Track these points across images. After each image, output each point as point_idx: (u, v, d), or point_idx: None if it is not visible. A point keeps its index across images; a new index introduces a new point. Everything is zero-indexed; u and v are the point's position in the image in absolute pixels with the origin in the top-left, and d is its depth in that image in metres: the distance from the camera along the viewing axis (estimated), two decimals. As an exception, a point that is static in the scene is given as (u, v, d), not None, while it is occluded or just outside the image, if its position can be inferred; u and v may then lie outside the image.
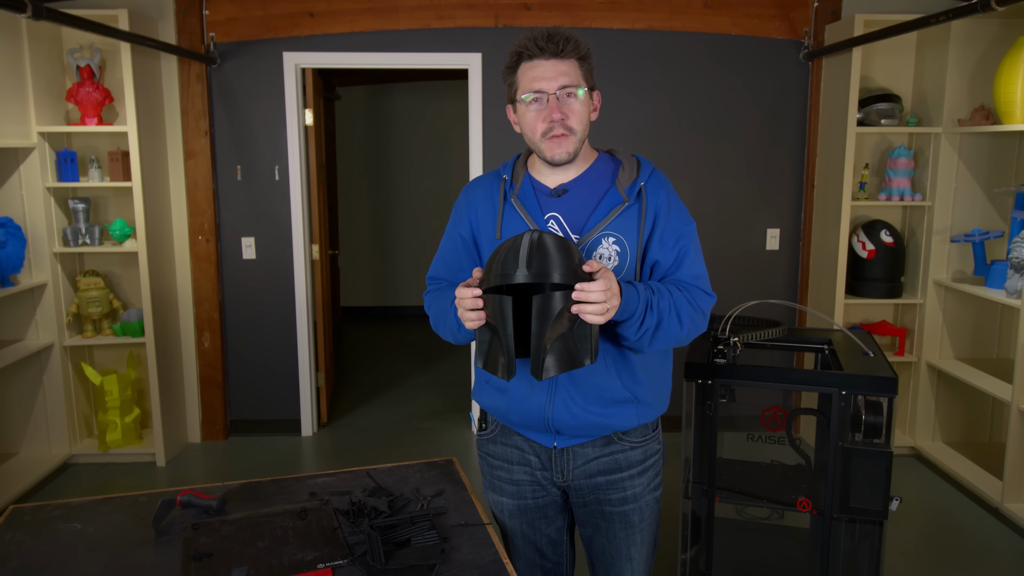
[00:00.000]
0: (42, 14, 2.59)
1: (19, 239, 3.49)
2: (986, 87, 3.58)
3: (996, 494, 3.26)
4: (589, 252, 1.52)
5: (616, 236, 1.52)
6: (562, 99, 1.49)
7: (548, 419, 1.57)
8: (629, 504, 1.66)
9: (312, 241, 4.28)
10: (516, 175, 1.62)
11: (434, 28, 3.92)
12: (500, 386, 1.61)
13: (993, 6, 2.62)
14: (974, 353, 3.87)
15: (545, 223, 1.55)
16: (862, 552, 2.09)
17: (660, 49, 4.00)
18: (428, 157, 7.03)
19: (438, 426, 4.38)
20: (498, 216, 1.59)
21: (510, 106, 1.58)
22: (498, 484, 1.72)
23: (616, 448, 1.63)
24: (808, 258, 4.16)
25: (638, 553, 1.70)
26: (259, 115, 3.98)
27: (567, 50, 1.48)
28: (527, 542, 1.73)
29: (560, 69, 1.48)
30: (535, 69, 1.49)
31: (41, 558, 1.50)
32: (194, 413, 4.14)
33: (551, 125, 1.49)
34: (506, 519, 1.72)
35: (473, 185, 1.69)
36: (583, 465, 1.63)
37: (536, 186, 1.60)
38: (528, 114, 1.52)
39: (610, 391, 1.56)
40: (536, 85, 1.49)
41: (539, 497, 1.69)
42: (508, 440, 1.68)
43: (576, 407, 1.55)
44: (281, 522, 1.61)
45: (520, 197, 1.58)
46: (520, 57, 1.51)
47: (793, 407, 3.72)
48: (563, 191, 1.57)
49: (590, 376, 1.54)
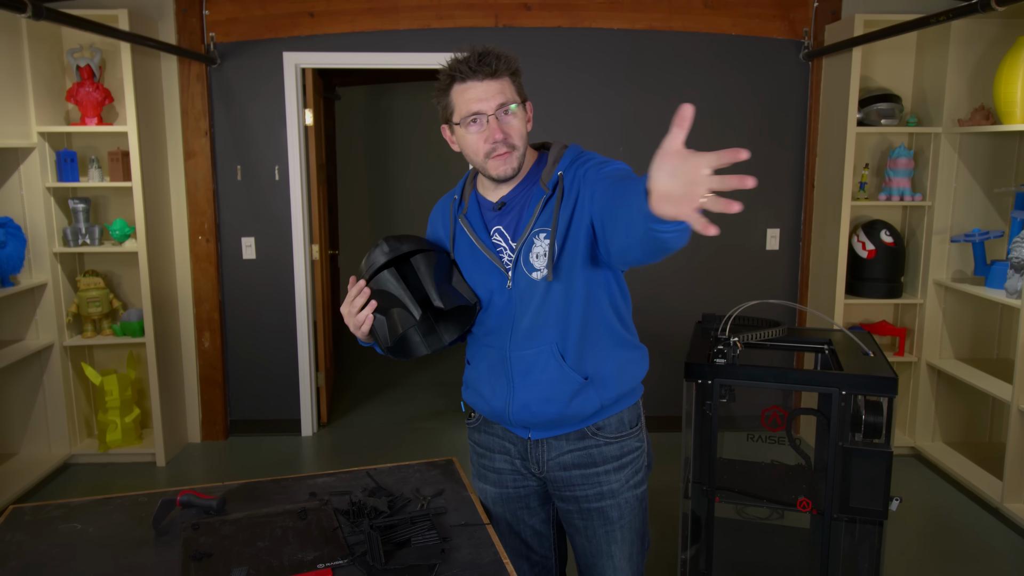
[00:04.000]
0: (42, 14, 2.59)
1: (19, 239, 3.49)
2: (986, 87, 3.58)
3: (996, 494, 3.26)
4: (526, 255, 1.56)
5: (545, 230, 1.55)
6: (500, 118, 1.51)
7: (510, 420, 1.64)
8: (607, 500, 1.67)
9: (312, 241, 4.28)
10: (465, 194, 1.68)
11: (434, 28, 3.92)
12: (471, 384, 1.71)
13: (993, 6, 2.62)
14: (974, 353, 3.87)
15: (490, 237, 1.61)
16: (862, 552, 2.09)
17: (660, 49, 4.00)
18: (428, 157, 7.03)
19: (438, 426, 4.38)
20: (451, 237, 1.67)
21: (445, 126, 1.60)
22: (483, 472, 1.78)
23: (591, 443, 1.66)
24: (808, 258, 4.16)
25: (619, 551, 1.71)
26: (259, 115, 3.98)
27: (500, 69, 1.50)
28: (512, 532, 1.77)
29: (494, 89, 1.50)
30: (470, 91, 1.50)
31: (41, 558, 1.50)
32: (194, 413, 4.14)
33: (494, 146, 1.52)
34: (491, 507, 1.77)
35: (435, 208, 1.78)
36: (557, 457, 1.66)
37: (481, 202, 1.66)
38: (468, 136, 1.54)
39: (561, 380, 1.58)
40: (474, 107, 1.50)
41: (520, 487, 1.73)
42: (490, 429, 1.75)
43: (535, 406, 1.60)
44: (281, 522, 1.61)
45: (468, 216, 1.64)
46: (452, 79, 1.52)
47: (793, 407, 3.72)
48: (502, 204, 1.61)
49: (540, 373, 1.58)
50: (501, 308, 1.60)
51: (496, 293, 1.60)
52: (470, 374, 1.73)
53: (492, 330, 1.63)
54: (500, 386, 1.63)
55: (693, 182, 0.99)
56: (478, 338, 1.69)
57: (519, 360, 1.59)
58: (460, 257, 1.65)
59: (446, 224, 1.70)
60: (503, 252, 1.60)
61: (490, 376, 1.65)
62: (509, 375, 1.61)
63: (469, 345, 1.74)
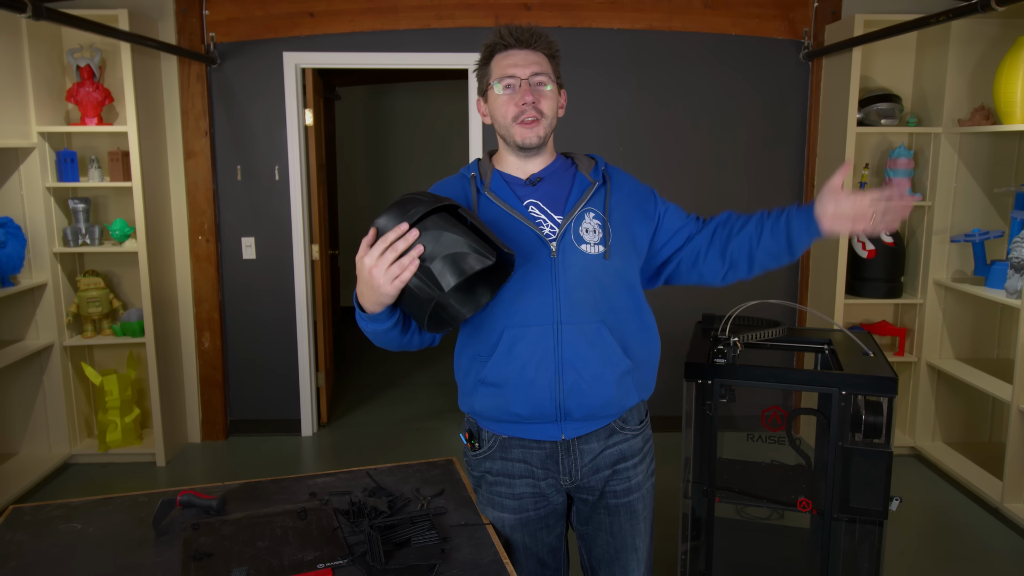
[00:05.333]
0: (42, 14, 2.59)
1: (19, 239, 3.49)
2: (986, 87, 3.58)
3: (996, 494, 3.26)
4: (575, 228, 1.56)
5: (595, 211, 1.59)
6: (533, 86, 1.56)
7: (560, 401, 1.53)
8: (634, 493, 1.67)
9: (312, 241, 4.28)
10: (484, 172, 1.64)
11: (434, 28, 3.92)
12: (497, 381, 1.54)
13: (993, 6, 2.62)
14: (974, 353, 3.86)
15: (525, 208, 1.59)
16: (862, 552, 2.09)
17: (660, 49, 4.00)
18: (428, 157, 7.03)
19: (438, 426, 4.38)
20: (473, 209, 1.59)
21: (480, 99, 1.64)
22: (497, 500, 1.66)
23: (619, 439, 1.65)
24: (808, 258, 4.15)
25: (642, 543, 1.71)
26: (259, 115, 3.98)
27: (539, 44, 1.58)
28: (529, 554, 1.69)
29: (532, 58, 1.56)
30: (508, 58, 1.57)
31: (41, 558, 1.50)
32: (194, 413, 4.14)
33: (522, 109, 1.54)
34: (507, 533, 1.68)
35: (437, 187, 1.67)
36: (590, 461, 1.63)
37: (508, 179, 1.63)
38: (499, 99, 1.57)
39: (610, 359, 1.55)
40: (509, 71, 1.55)
41: (541, 508, 1.66)
42: (508, 454, 1.63)
43: (584, 384, 1.53)
44: (281, 522, 1.61)
45: (493, 190, 1.61)
46: (494, 49, 1.59)
47: (793, 407, 3.72)
48: (538, 179, 1.62)
49: (589, 349, 1.54)
50: (542, 279, 1.52)
51: (533, 265, 1.53)
52: (496, 372, 1.54)
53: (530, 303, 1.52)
54: (545, 367, 1.51)
55: (861, 207, 1.48)
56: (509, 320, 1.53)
57: (568, 331, 1.51)
58: None
59: (464, 198, 1.60)
60: (543, 224, 1.56)
61: (531, 357, 1.51)
62: (557, 350, 1.51)
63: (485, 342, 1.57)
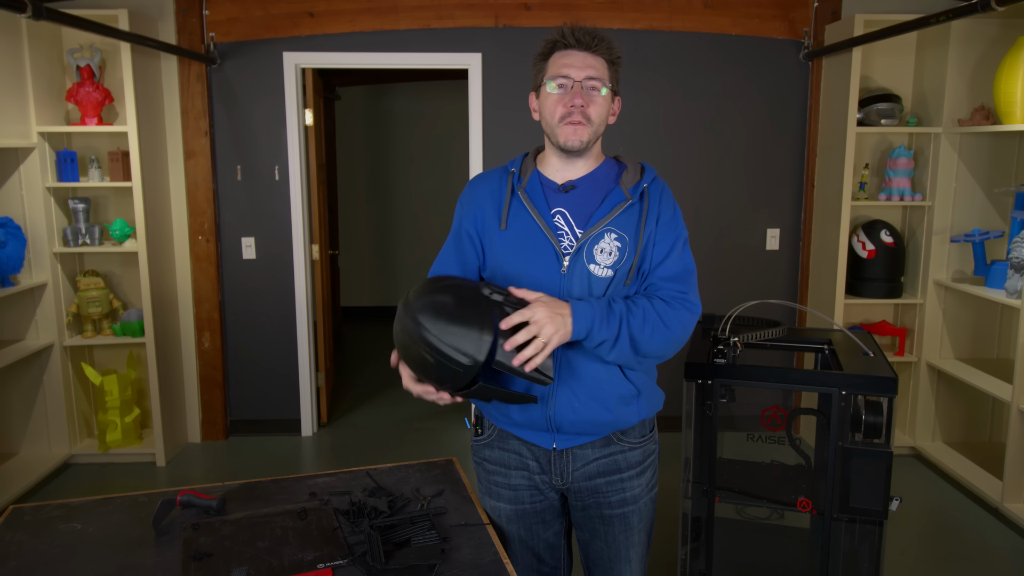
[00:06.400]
0: (42, 14, 2.59)
1: (19, 239, 3.49)
2: (986, 87, 3.58)
3: (996, 494, 3.26)
4: (591, 246, 1.53)
5: (618, 233, 1.54)
6: (586, 89, 1.53)
7: (550, 416, 1.56)
8: (629, 506, 1.65)
9: (312, 241, 4.28)
10: (525, 170, 1.63)
11: (434, 28, 3.92)
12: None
13: (993, 6, 2.62)
14: (974, 353, 3.87)
15: (551, 217, 1.57)
16: (862, 552, 2.09)
17: (660, 49, 4.00)
18: (428, 157, 7.03)
19: (438, 426, 4.38)
20: (504, 209, 1.59)
21: (533, 93, 1.62)
22: (495, 489, 1.70)
23: (615, 449, 1.63)
24: (808, 258, 4.16)
25: (636, 555, 1.70)
26: (259, 115, 3.98)
27: (600, 48, 1.54)
28: (524, 547, 1.71)
29: (589, 62, 1.54)
30: (566, 57, 1.54)
31: (41, 558, 1.50)
32: (194, 413, 4.14)
33: (570, 110, 1.53)
34: (503, 524, 1.70)
35: (478, 179, 1.69)
36: (583, 467, 1.62)
37: (544, 182, 1.61)
38: (549, 97, 1.55)
39: (613, 384, 1.55)
40: (564, 71, 1.53)
41: (537, 502, 1.68)
42: (505, 445, 1.67)
43: (578, 403, 1.54)
44: (281, 522, 1.61)
45: (527, 191, 1.59)
46: (554, 46, 1.56)
47: (793, 407, 3.72)
48: (571, 187, 1.59)
49: (593, 371, 1.54)
50: (551, 294, 1.51)
51: (544, 277, 1.53)
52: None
53: None
54: None
55: None
56: None
57: (569, 350, 1.52)
58: (511, 232, 1.57)
59: (497, 197, 1.61)
60: (564, 236, 1.55)
61: None
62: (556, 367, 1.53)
63: None
